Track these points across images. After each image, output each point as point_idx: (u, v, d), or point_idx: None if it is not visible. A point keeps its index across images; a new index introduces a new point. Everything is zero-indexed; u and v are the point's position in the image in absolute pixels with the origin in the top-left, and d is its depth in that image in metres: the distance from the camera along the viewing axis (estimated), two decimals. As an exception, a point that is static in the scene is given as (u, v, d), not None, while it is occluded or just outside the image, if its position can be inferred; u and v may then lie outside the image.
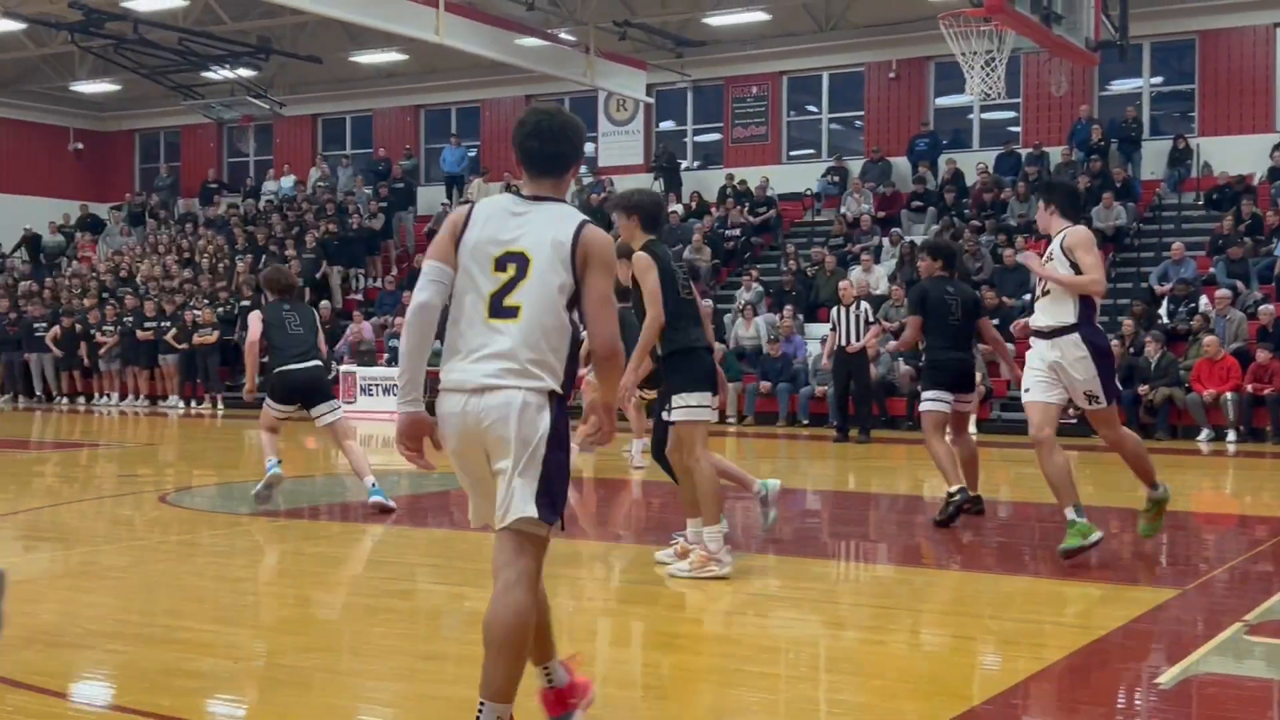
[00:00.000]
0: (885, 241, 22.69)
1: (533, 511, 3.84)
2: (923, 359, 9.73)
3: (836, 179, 25.40)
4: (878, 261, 21.91)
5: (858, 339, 16.56)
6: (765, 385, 19.57)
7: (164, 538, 8.72)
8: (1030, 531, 9.38)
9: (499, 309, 3.89)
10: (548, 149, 4.15)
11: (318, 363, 9.69)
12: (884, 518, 10.56)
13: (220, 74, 27.91)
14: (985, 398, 18.02)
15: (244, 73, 28.22)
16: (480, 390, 3.84)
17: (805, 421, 19.21)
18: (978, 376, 12.96)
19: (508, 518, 3.86)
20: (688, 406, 6.85)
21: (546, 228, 3.96)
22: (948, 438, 9.09)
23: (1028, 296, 19.93)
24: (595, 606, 6.64)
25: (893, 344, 14.09)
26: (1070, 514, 7.30)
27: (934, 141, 24.96)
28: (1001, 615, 6.42)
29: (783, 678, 5.18)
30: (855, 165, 25.59)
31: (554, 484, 3.88)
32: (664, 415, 7.13)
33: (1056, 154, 23.58)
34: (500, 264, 3.92)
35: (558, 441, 3.87)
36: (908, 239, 22.33)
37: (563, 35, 24.70)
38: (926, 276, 9.26)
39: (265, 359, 9.82)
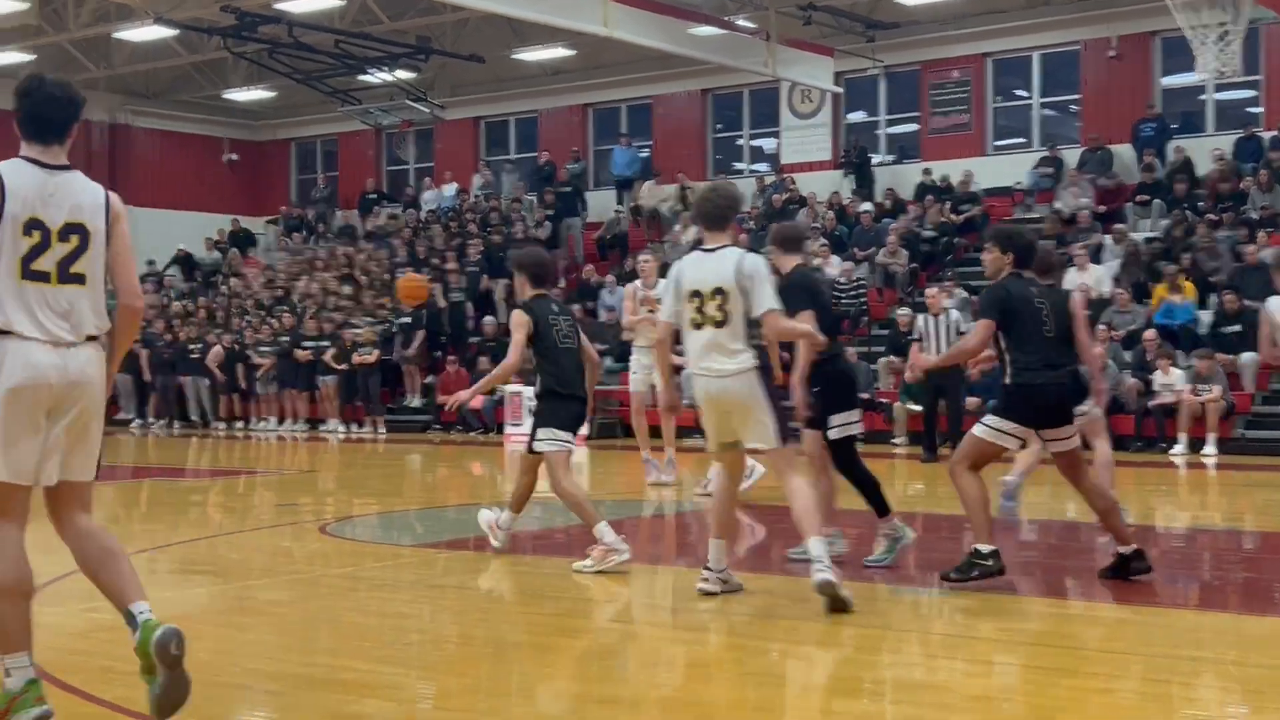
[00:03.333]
0: (1107, 239, 22.13)
1: None
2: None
3: (1050, 171, 24.86)
4: (1097, 261, 21.36)
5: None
6: (973, 402, 19.24)
7: (324, 571, 8.98)
8: (1276, 566, 9.03)
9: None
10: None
11: None
12: (1064, 547, 10.27)
13: (378, 77, 28.68)
14: (1227, 413, 17.50)
15: (402, 75, 28.94)
16: None
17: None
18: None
19: None
20: (551, 440, 8.49)
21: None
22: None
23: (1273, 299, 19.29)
24: (769, 646, 6.62)
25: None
26: None
27: (1161, 126, 24.26)
28: (1246, 661, 6.20)
29: (993, 729, 5.10)
30: (1071, 155, 25.02)
31: None
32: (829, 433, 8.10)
33: (1304, 136, 22.74)
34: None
35: None
36: (1132, 235, 21.74)
37: (741, 22, 24.74)
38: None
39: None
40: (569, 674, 6.05)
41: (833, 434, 8.14)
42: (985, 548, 7.45)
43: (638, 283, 14.02)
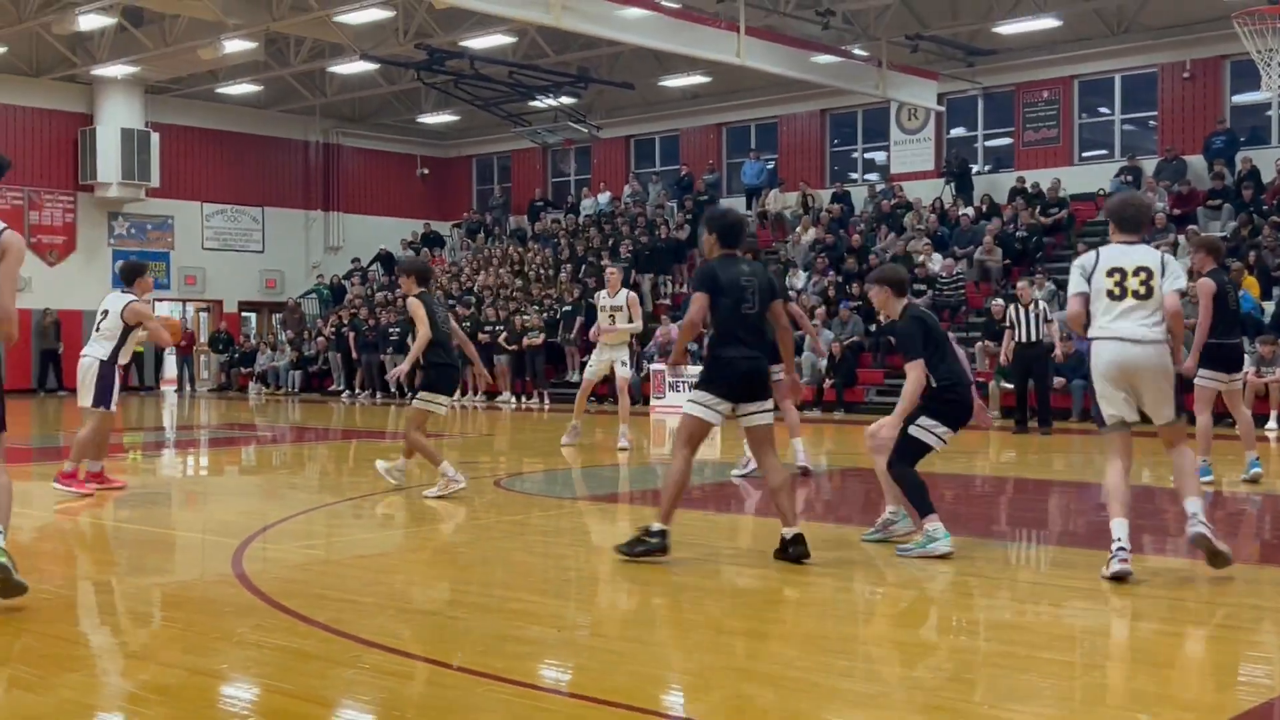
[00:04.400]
0: (1181, 239, 21.40)
1: None
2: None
3: (1130, 178, 24.11)
4: (1175, 257, 20.66)
5: (1036, 337, 16.28)
6: (1060, 381, 18.79)
7: (499, 518, 9.11)
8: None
9: None
10: None
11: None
12: (1152, 509, 9.95)
13: (544, 102, 28.93)
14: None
15: (565, 100, 29.15)
16: None
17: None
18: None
19: None
20: (425, 400, 9.86)
21: None
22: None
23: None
24: (882, 590, 6.53)
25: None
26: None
27: (1231, 139, 23.36)
28: (1304, 611, 5.95)
29: (1077, 665, 4.97)
30: (1149, 164, 24.24)
31: None
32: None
33: (1363, 146, 21.74)
34: None
35: None
36: (1204, 235, 20.98)
37: (856, 51, 24.42)
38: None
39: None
40: (700, 609, 6.04)
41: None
42: (656, 526, 6.90)
43: (604, 292, 14.12)
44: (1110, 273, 6.50)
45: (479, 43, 25.33)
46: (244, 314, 34.02)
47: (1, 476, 5.67)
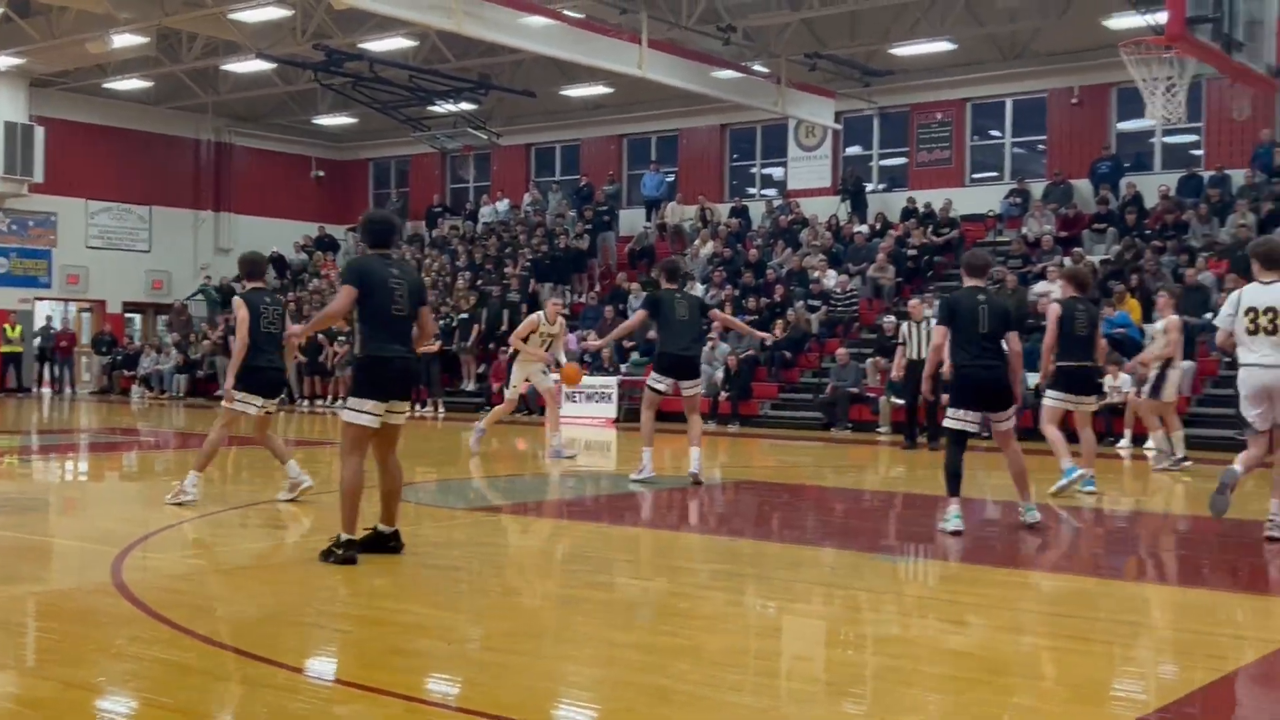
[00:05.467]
0: (1066, 261, 21.96)
1: None
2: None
3: (1018, 200, 24.73)
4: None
5: (926, 355, 15.98)
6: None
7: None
8: (1209, 545, 8.95)
9: None
10: None
11: None
12: (1043, 526, 10.22)
13: (445, 108, 28.74)
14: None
15: (466, 106, 29.00)
16: None
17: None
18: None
19: None
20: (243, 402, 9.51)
21: None
22: None
23: (1208, 315, 19.11)
24: (774, 604, 6.60)
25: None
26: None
27: (1116, 164, 24.09)
28: (1178, 626, 6.14)
29: (961, 679, 5.06)
30: (1037, 187, 24.88)
31: None
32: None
33: (1239, 176, 22.52)
34: None
35: None
36: (1089, 258, 21.60)
37: (756, 67, 24.68)
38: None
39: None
40: (594, 622, 6.04)
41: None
42: (345, 536, 7.08)
43: (540, 314, 14.42)
44: (1247, 311, 8.19)
45: (379, 45, 25.09)
46: (128, 315, 33.22)
47: None
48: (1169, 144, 24.40)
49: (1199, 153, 23.86)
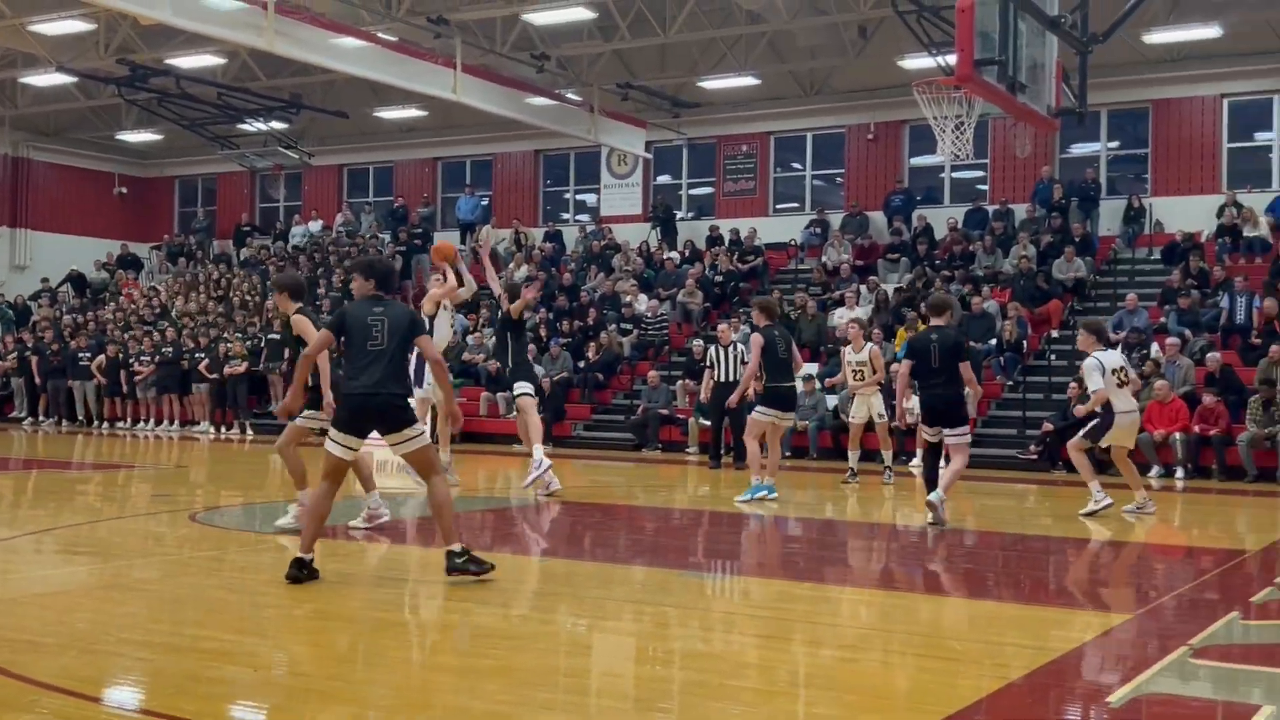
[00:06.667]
0: (863, 288, 22.73)
1: None
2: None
3: (818, 230, 25.47)
4: (857, 305, 21.92)
5: (734, 377, 15.97)
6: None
7: (193, 553, 8.67)
8: (994, 559, 9.35)
9: None
10: None
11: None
12: (840, 542, 10.52)
13: (255, 126, 28.03)
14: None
15: (276, 125, 28.35)
16: None
17: (787, 454, 19.18)
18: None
19: None
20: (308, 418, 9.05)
21: None
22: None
23: (993, 341, 20.02)
24: (585, 622, 6.60)
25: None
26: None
27: (908, 198, 25.04)
28: (969, 636, 6.39)
29: (761, 692, 5.15)
30: (836, 218, 25.66)
31: None
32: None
33: (1021, 211, 23.68)
34: None
35: None
36: (883, 286, 22.40)
37: (569, 95, 24.81)
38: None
39: None
40: (405, 645, 5.94)
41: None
42: (300, 555, 7.15)
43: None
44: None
45: (186, 62, 24.33)
46: (-84, 333, 31.23)
47: None
48: (957, 179, 25.48)
49: (985, 187, 25.00)
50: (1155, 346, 18.66)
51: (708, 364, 17.17)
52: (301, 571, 7.10)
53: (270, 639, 6.06)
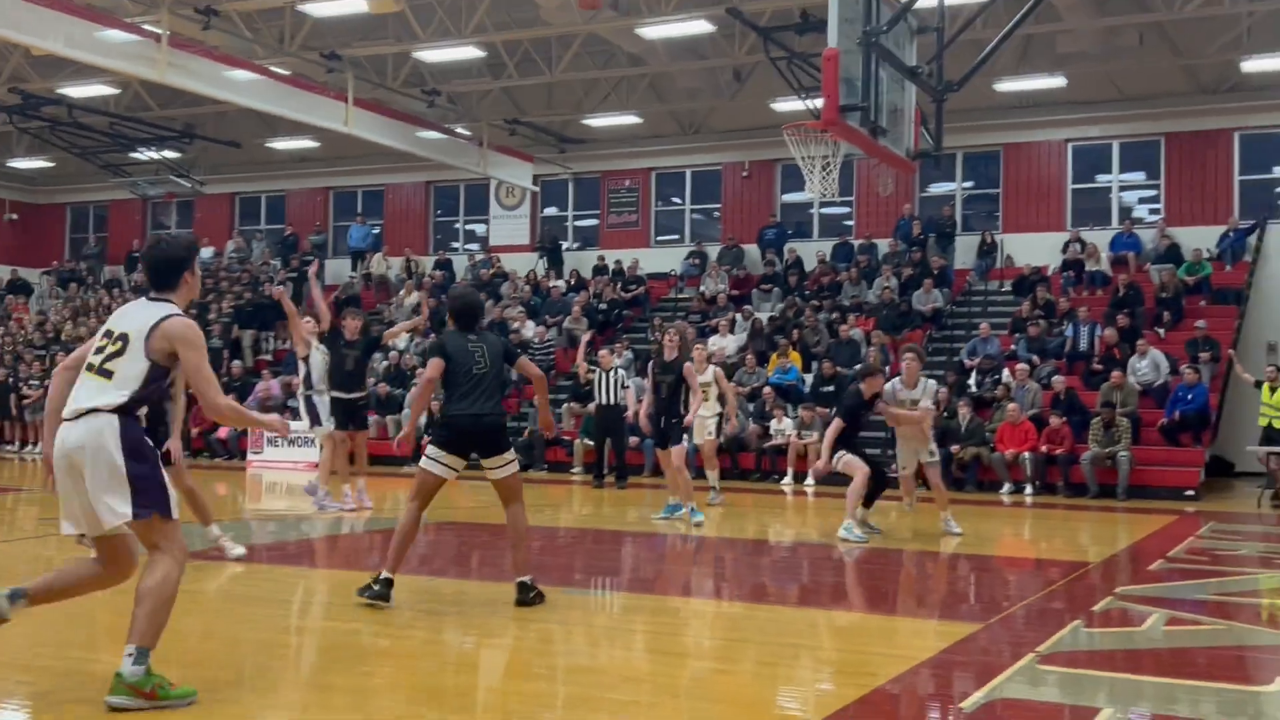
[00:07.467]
0: (738, 316, 22.98)
1: None
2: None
3: (697, 261, 25.71)
4: (731, 332, 22.17)
5: (615, 400, 16.47)
6: (634, 440, 19.58)
7: (80, 577, 8.35)
8: (861, 572, 9.49)
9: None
10: None
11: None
12: (716, 557, 10.60)
13: (147, 155, 27.38)
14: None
15: (169, 154, 27.72)
16: None
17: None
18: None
19: None
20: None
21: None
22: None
23: (858, 366, 20.37)
24: (462, 639, 6.54)
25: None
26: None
27: (780, 232, 25.43)
28: (836, 646, 6.48)
29: (641, 704, 5.16)
30: (713, 250, 25.93)
31: None
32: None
33: (884, 245, 24.20)
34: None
35: None
36: (757, 315, 22.68)
37: (459, 130, 24.71)
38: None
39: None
40: (298, 665, 5.81)
41: None
42: (384, 574, 7.07)
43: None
44: None
45: (79, 91, 23.65)
46: None
47: None
48: (825, 215, 25.95)
49: (851, 223, 25.49)
50: (1006, 372, 19.18)
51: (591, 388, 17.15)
52: (385, 588, 6.98)
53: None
